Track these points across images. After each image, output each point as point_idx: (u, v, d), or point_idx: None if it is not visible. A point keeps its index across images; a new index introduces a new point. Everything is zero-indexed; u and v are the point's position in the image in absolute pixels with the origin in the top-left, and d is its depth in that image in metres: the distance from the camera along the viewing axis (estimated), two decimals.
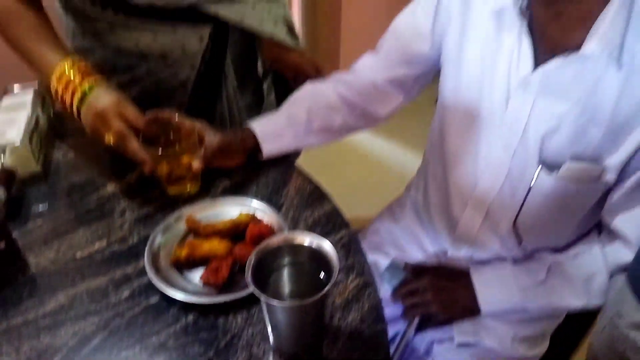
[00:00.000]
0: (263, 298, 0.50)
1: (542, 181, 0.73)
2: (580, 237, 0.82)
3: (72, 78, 0.80)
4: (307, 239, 0.57)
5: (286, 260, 0.58)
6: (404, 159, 0.91)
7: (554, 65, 0.67)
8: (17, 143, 0.81)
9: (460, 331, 0.85)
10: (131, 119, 0.77)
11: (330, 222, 0.76)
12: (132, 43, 0.90)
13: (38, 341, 0.59)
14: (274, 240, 0.57)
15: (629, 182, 0.70)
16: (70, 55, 0.82)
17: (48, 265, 0.69)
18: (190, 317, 0.62)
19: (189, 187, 0.82)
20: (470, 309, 0.83)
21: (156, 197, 0.80)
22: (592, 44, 0.62)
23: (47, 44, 0.83)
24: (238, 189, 0.83)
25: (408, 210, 1.01)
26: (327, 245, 0.55)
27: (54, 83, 0.81)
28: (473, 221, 0.84)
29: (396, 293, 0.88)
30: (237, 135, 0.86)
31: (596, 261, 0.76)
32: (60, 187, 0.84)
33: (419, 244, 0.97)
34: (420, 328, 0.87)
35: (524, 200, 0.77)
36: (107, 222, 0.76)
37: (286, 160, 0.89)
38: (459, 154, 0.83)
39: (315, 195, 0.82)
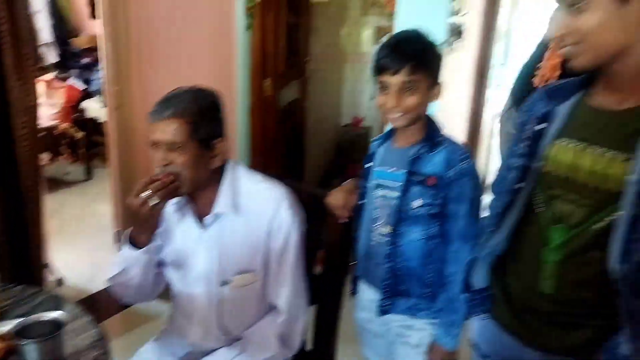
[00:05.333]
0: (19, 341, 0.87)
1: (225, 291, 1.25)
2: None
3: None
4: (49, 316, 0.95)
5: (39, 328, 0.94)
6: None
7: (207, 224, 1.22)
8: None
9: None
10: None
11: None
12: None
13: None
14: (31, 317, 0.95)
15: (271, 274, 1.25)
16: None
17: None
18: None
19: None
20: None
21: None
22: (217, 209, 1.20)
23: None
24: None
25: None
26: (61, 316, 0.95)
27: None
28: (196, 333, 1.30)
29: None
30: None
31: (268, 331, 1.27)
32: None
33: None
34: None
35: (219, 309, 1.26)
36: None
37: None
38: (179, 293, 1.31)
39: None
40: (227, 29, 2.90)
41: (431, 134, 1.21)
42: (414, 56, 1.13)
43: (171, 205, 1.26)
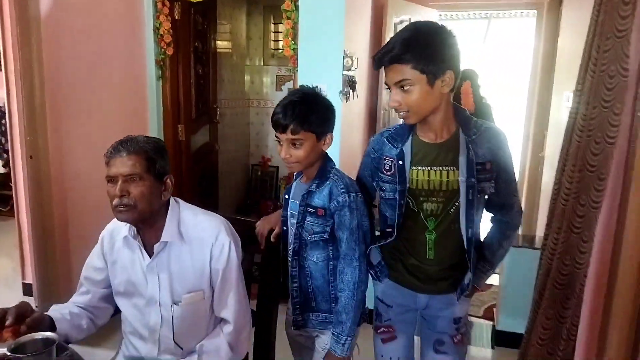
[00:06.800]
0: (15, 358, 1.01)
1: (177, 310, 1.41)
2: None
3: None
4: (41, 335, 1.11)
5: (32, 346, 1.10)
6: None
7: (155, 253, 1.40)
8: None
9: None
10: None
11: None
12: None
13: None
14: (25, 337, 1.10)
15: (217, 291, 1.44)
16: None
17: None
18: None
19: None
20: None
21: None
22: (165, 237, 1.39)
23: None
24: None
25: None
26: (52, 335, 1.11)
27: None
28: (153, 351, 1.45)
29: None
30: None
31: (219, 341, 1.45)
32: None
33: None
34: None
35: (173, 326, 1.43)
36: None
37: None
38: (133, 318, 1.46)
39: None
40: (139, 80, 3.10)
41: (322, 172, 1.48)
42: (298, 119, 1.35)
43: (119, 241, 1.45)
